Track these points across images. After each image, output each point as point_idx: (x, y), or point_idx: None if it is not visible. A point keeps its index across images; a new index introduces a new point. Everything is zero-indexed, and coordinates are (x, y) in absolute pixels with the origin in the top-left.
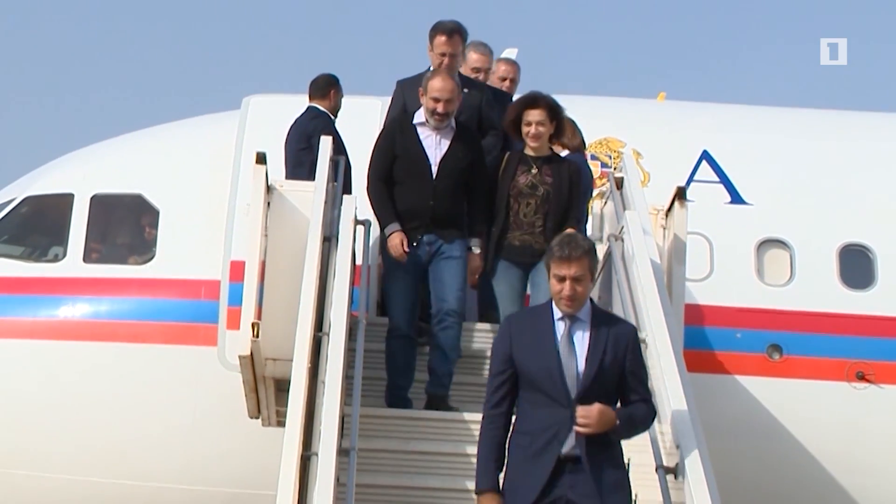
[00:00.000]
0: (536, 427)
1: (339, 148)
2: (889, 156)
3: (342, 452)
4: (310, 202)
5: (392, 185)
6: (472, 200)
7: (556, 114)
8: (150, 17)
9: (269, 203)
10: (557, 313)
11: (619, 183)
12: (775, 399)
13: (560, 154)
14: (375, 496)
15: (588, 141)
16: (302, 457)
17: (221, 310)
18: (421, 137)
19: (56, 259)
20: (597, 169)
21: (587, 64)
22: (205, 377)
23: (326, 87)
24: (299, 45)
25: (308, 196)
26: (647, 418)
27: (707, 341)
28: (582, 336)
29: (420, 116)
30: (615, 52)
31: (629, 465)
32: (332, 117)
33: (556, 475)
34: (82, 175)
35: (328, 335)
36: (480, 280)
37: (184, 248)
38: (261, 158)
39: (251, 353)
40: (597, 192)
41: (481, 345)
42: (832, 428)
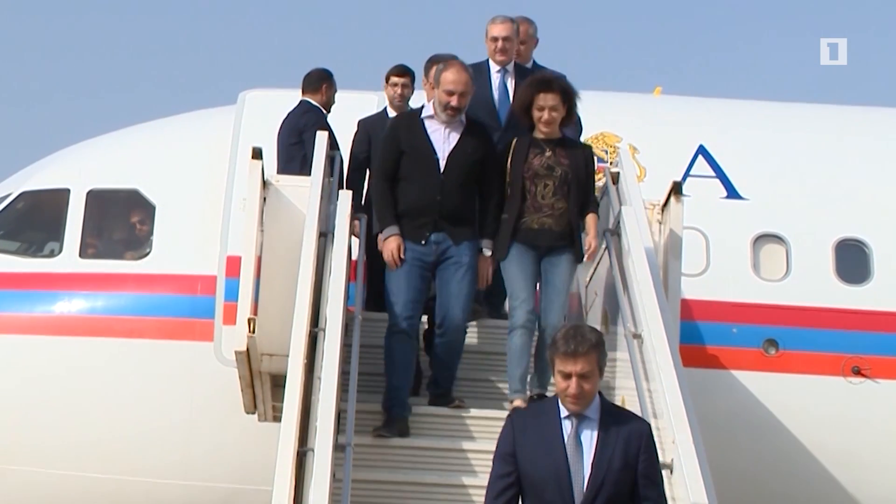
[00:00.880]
0: None
1: (331, 143)
2: (885, 151)
3: (338, 448)
4: (306, 197)
5: (396, 184)
6: (484, 198)
7: (569, 97)
8: (145, 12)
9: (265, 198)
10: (564, 411)
11: (615, 178)
12: (771, 394)
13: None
14: (372, 492)
15: (584, 136)
16: (298, 452)
17: (218, 305)
18: (429, 132)
19: (52, 254)
20: None
21: (583, 58)
22: (201, 372)
23: (318, 82)
24: (296, 40)
25: (304, 191)
26: None
27: (703, 336)
28: (590, 436)
29: (428, 110)
30: (611, 47)
31: None
32: (325, 112)
33: None
34: (78, 170)
35: (324, 331)
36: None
37: (180, 244)
38: (256, 154)
39: (247, 349)
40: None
41: (483, 341)
42: (828, 422)
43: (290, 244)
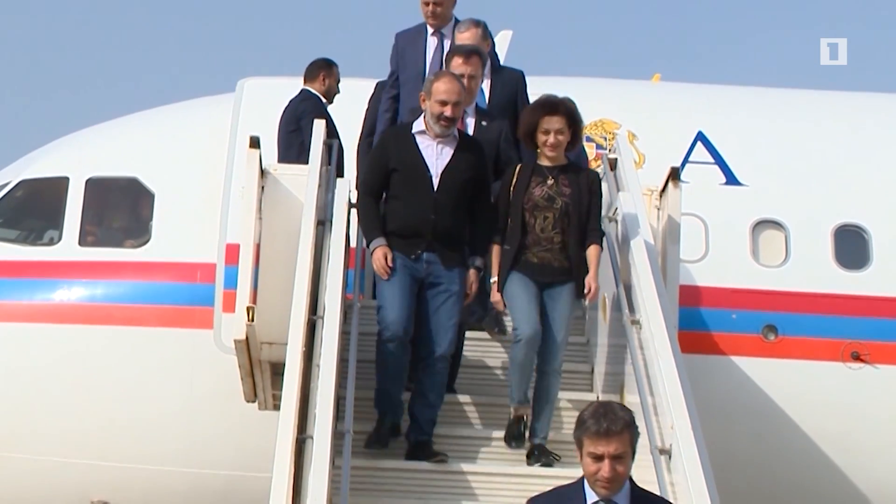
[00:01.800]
0: None
1: (330, 131)
2: (884, 136)
3: (337, 435)
4: (304, 186)
5: (386, 201)
6: (475, 217)
7: (574, 120)
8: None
9: (263, 187)
10: (592, 496)
11: (613, 164)
12: (770, 380)
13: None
14: (370, 478)
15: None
16: (297, 439)
17: (217, 293)
18: (420, 147)
19: (51, 242)
20: (592, 150)
21: (582, 45)
22: (201, 360)
23: (318, 71)
24: (295, 27)
25: (302, 180)
26: None
27: (702, 322)
28: None
29: (420, 125)
30: (610, 34)
31: None
32: (325, 100)
33: None
34: (77, 158)
35: (323, 318)
36: (482, 295)
37: (179, 231)
38: (254, 142)
39: (246, 337)
40: None
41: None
42: (827, 408)
43: (288, 232)
